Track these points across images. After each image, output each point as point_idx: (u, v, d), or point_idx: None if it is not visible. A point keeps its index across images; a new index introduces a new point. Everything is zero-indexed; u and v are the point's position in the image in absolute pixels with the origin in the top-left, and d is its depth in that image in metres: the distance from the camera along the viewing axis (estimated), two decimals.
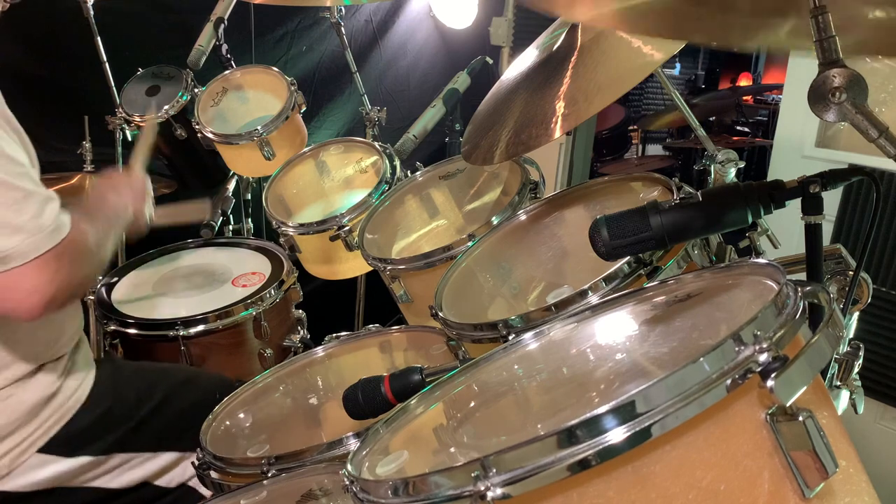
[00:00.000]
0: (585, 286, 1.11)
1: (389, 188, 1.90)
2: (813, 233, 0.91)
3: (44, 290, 1.21)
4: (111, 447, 1.45)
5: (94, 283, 2.00)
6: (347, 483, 0.77)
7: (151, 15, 2.63)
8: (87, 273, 1.33)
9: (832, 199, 2.26)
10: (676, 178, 1.26)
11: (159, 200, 2.33)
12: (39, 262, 1.19)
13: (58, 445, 1.39)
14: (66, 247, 1.22)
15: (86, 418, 1.42)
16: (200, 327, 1.85)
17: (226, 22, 2.29)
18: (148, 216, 1.59)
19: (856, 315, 1.12)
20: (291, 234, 1.95)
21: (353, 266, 1.99)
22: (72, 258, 1.24)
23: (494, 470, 0.64)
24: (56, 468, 1.39)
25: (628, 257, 1.09)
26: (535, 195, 1.58)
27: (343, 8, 2.48)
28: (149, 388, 1.55)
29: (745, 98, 5.12)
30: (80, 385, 1.43)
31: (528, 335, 1.02)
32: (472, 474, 0.64)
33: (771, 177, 0.94)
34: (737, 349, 0.65)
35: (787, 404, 0.63)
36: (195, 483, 1.52)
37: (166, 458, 1.53)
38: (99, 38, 2.32)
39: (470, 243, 1.47)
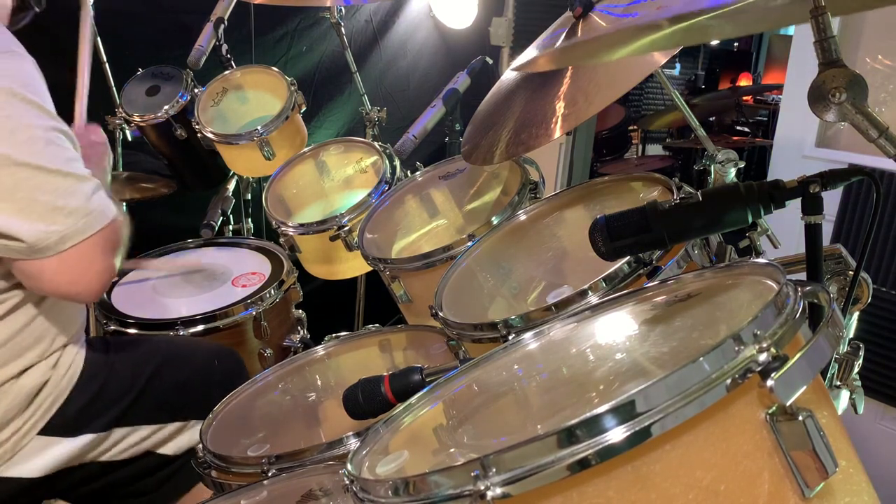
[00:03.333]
0: (585, 286, 1.11)
1: (389, 188, 1.90)
2: (813, 233, 0.91)
3: (109, 267, 1.33)
4: (111, 423, 1.46)
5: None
6: (347, 483, 0.77)
7: (151, 15, 2.63)
8: (121, 256, 1.40)
9: (832, 199, 2.26)
10: (676, 178, 1.26)
11: (160, 201, 2.36)
12: (96, 240, 1.29)
13: (58, 426, 1.39)
14: (115, 228, 1.33)
15: (82, 397, 1.43)
16: (200, 327, 1.85)
17: (226, 22, 2.29)
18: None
19: (856, 315, 1.13)
20: (291, 234, 1.95)
21: (352, 266, 1.99)
22: (118, 242, 1.35)
23: (494, 469, 0.64)
24: (60, 449, 1.40)
25: (628, 257, 1.09)
26: (535, 195, 1.58)
27: (343, 8, 2.48)
28: (143, 361, 1.55)
29: (745, 98, 5.11)
30: (71, 364, 1.43)
31: (528, 335, 1.02)
32: (472, 474, 0.64)
33: (771, 177, 0.94)
34: (737, 349, 0.65)
35: (787, 404, 0.63)
36: None
37: (169, 428, 1.54)
38: (99, 38, 2.32)
39: (470, 243, 1.47)
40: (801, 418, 0.64)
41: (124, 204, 2.33)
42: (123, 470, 1.50)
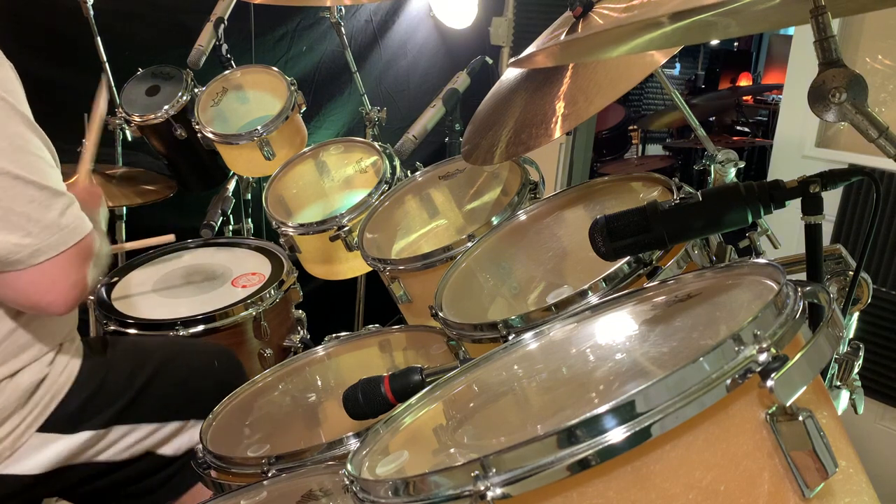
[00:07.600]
0: (585, 286, 1.11)
1: (389, 188, 1.90)
2: (813, 233, 0.91)
3: (82, 281, 1.29)
4: (110, 420, 1.45)
5: (97, 286, 2.00)
6: (347, 483, 0.77)
7: (151, 15, 2.63)
8: (96, 274, 1.37)
9: (832, 199, 2.26)
10: (676, 178, 1.26)
11: (160, 201, 2.36)
12: (70, 255, 1.26)
13: (57, 423, 1.39)
14: (88, 243, 1.30)
15: (81, 394, 1.42)
16: (200, 327, 1.85)
17: (226, 22, 2.29)
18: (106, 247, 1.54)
19: (856, 315, 1.13)
20: (291, 234, 1.95)
21: (352, 266, 1.99)
22: (91, 255, 1.32)
23: (494, 470, 0.64)
24: (59, 446, 1.39)
25: (628, 257, 1.09)
26: (534, 195, 1.58)
27: (343, 8, 2.48)
28: (142, 360, 1.55)
29: (745, 98, 5.12)
30: (69, 362, 1.43)
31: (528, 335, 1.02)
32: (472, 474, 0.64)
33: (771, 177, 0.94)
34: (737, 349, 0.65)
35: (787, 404, 0.63)
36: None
37: (169, 427, 1.53)
38: (99, 38, 2.32)
39: (470, 243, 1.47)
40: (801, 418, 0.64)
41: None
42: (123, 471, 1.49)
